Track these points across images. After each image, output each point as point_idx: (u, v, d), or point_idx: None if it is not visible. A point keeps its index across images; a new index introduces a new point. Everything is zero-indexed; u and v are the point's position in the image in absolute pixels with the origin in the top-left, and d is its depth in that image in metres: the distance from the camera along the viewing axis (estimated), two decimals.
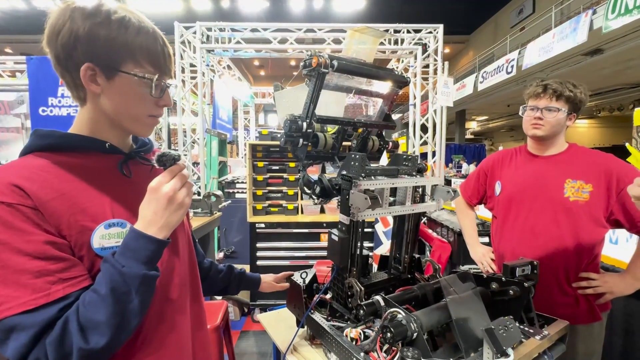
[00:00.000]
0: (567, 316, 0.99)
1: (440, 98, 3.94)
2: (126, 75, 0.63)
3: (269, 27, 4.25)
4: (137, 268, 0.56)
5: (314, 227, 2.98)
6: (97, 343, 0.52)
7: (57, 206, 0.57)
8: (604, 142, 15.89)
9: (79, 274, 0.57)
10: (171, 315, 0.71)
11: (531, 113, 1.33)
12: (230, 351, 2.01)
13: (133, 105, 0.66)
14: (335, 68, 0.93)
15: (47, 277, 0.53)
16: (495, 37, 14.54)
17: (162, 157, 0.63)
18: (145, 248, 0.58)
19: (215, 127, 4.86)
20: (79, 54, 0.61)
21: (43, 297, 0.52)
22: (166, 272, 0.71)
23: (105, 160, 0.69)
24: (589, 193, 1.23)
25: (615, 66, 8.00)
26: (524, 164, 1.42)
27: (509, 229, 1.40)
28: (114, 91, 0.64)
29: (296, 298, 1.08)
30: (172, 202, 0.61)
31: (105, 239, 0.61)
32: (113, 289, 0.55)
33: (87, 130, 0.68)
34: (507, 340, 0.72)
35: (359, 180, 0.88)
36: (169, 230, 0.62)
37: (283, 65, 16.82)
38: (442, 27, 4.10)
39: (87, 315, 0.53)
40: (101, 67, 0.62)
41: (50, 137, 0.64)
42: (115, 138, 0.70)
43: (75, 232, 0.58)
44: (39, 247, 0.54)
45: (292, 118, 0.95)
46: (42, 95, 3.17)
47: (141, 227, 0.59)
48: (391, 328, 0.73)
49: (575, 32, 6.55)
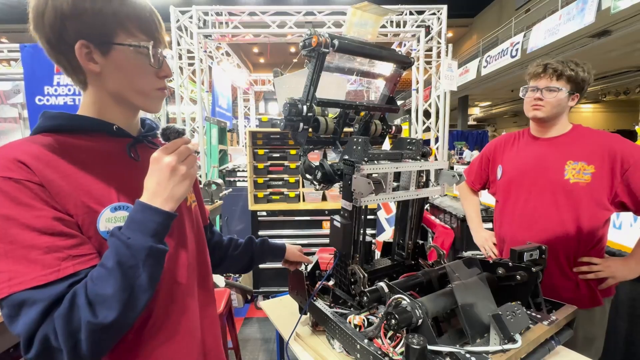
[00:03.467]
0: (568, 300, 0.98)
1: (444, 82, 3.85)
2: (121, 48, 0.61)
3: (267, 10, 4.13)
4: (144, 240, 0.55)
5: (315, 215, 2.97)
6: (105, 317, 0.51)
7: (62, 185, 0.57)
8: (609, 126, 15.68)
9: (88, 252, 0.57)
10: (182, 298, 0.71)
11: (532, 94, 1.30)
12: (234, 337, 2.03)
13: (136, 79, 0.65)
14: (336, 48, 0.89)
15: (57, 253, 0.53)
16: (499, 19, 14.19)
17: (166, 130, 0.63)
18: (151, 220, 0.57)
19: (214, 115, 4.80)
20: (69, 32, 0.59)
21: (53, 273, 0.52)
22: (174, 254, 0.70)
23: (113, 143, 0.67)
24: (591, 175, 1.20)
25: (624, 48, 7.79)
26: (525, 147, 1.39)
27: (509, 212, 1.39)
28: (113, 67, 0.63)
29: (298, 285, 1.06)
30: (175, 173, 0.60)
31: (111, 222, 0.60)
32: (120, 262, 0.53)
33: (93, 113, 0.66)
34: (514, 326, 0.71)
35: (361, 164, 0.85)
36: (175, 203, 0.60)
37: (282, 52, 16.53)
38: (445, 8, 3.97)
39: (95, 289, 0.52)
40: (95, 43, 0.60)
41: (58, 118, 0.63)
42: (123, 120, 0.69)
43: (82, 213, 0.57)
44: (48, 223, 0.53)
45: (292, 101, 0.92)
46: (37, 84, 3.12)
47: (146, 198, 0.58)
48: (396, 314, 0.72)
49: (583, 13, 6.36)
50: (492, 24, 14.38)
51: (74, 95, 3.18)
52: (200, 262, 0.81)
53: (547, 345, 0.82)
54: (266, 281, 3.02)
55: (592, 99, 14.59)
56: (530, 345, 0.75)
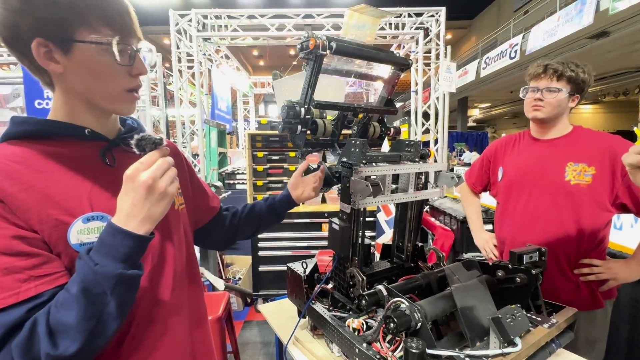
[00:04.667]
0: (568, 302, 0.98)
1: (443, 84, 3.85)
2: (83, 45, 0.55)
3: (266, 13, 4.14)
4: (113, 267, 0.50)
5: (315, 217, 2.96)
6: (66, 349, 0.48)
7: (25, 199, 0.52)
8: (609, 127, 15.68)
9: (55, 271, 0.53)
10: (164, 317, 0.66)
11: (532, 95, 1.30)
12: (234, 341, 2.02)
13: (102, 80, 0.59)
14: (334, 50, 0.89)
15: (16, 274, 0.49)
16: (498, 21, 14.22)
17: (141, 141, 0.55)
18: (123, 245, 0.52)
19: (214, 117, 4.80)
20: (24, 29, 0.53)
21: (12, 296, 0.48)
22: (156, 270, 0.66)
23: (86, 147, 0.62)
24: (592, 176, 1.19)
25: (622, 49, 7.81)
26: (526, 149, 1.39)
27: (510, 214, 1.38)
28: (76, 67, 0.57)
29: (297, 288, 1.06)
30: (152, 192, 0.53)
31: (84, 234, 0.56)
32: (85, 290, 0.49)
33: (63, 116, 0.61)
34: (514, 329, 0.70)
35: (359, 166, 0.84)
36: (152, 224, 0.55)
37: (282, 54, 16.57)
38: (444, 10, 3.98)
39: (57, 317, 0.48)
40: (54, 40, 0.55)
41: (25, 124, 0.58)
42: (96, 122, 0.63)
43: (47, 227, 0.53)
44: (6, 242, 0.49)
45: (290, 104, 0.92)
46: (37, 88, 3.11)
47: (119, 221, 0.53)
48: (394, 318, 0.71)
49: (581, 15, 6.37)
50: (490, 26, 14.42)
51: None
52: (191, 270, 0.76)
53: (547, 349, 0.81)
54: (266, 284, 3.01)
55: (592, 100, 14.61)
56: (531, 348, 0.75)
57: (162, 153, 0.57)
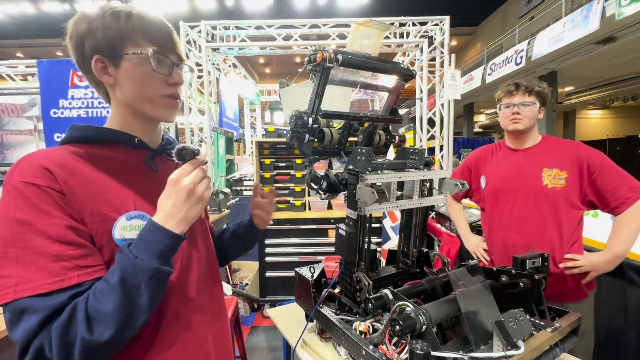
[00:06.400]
0: (556, 294, 1.07)
1: (447, 91, 3.88)
2: (128, 57, 0.65)
3: (273, 24, 4.24)
4: (150, 261, 0.55)
5: (321, 223, 2.99)
6: (101, 335, 0.52)
7: (83, 193, 0.59)
8: (618, 132, 15.45)
9: (95, 264, 0.58)
10: (187, 314, 0.71)
11: (507, 110, 1.45)
12: (241, 346, 2.04)
13: (142, 86, 0.68)
14: (340, 62, 0.93)
15: (65, 262, 0.54)
16: (503, 27, 14.24)
17: (182, 150, 0.63)
18: (160, 241, 0.57)
19: (222, 125, 4.88)
20: (87, 50, 0.65)
21: (58, 282, 0.52)
22: (184, 269, 0.71)
23: (134, 154, 0.71)
24: (565, 179, 1.36)
25: (630, 54, 7.76)
26: (504, 159, 1.53)
27: (497, 219, 1.51)
28: (123, 77, 0.67)
29: (305, 293, 1.08)
30: (191, 196, 0.60)
31: (126, 230, 0.62)
32: (123, 280, 0.54)
33: (116, 125, 0.71)
34: (517, 333, 0.72)
35: (365, 174, 0.88)
36: (187, 225, 0.61)
37: (288, 62, 16.79)
38: (448, 19, 4.03)
39: (95, 305, 0.52)
40: (107, 56, 0.65)
41: (84, 130, 0.67)
42: (144, 133, 0.73)
43: (97, 221, 0.59)
44: (61, 231, 0.54)
45: (298, 114, 0.95)
46: (52, 98, 3.23)
47: (159, 219, 0.59)
48: (400, 321, 0.73)
49: (587, 20, 6.36)
50: (496, 32, 14.43)
51: (87, 108, 3.29)
52: (212, 271, 0.82)
53: (551, 353, 0.82)
54: (273, 290, 3.03)
55: (600, 105, 14.44)
56: (533, 352, 0.76)
57: (200, 162, 0.64)
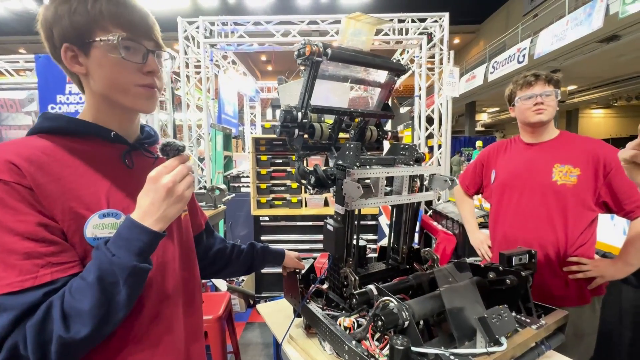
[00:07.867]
0: (557, 297, 1.02)
1: (446, 88, 3.86)
2: (98, 44, 0.61)
3: (272, 20, 4.22)
4: (128, 258, 0.54)
5: (317, 220, 2.99)
6: (77, 332, 0.51)
7: (52, 189, 0.56)
8: (621, 132, 15.35)
9: (69, 260, 0.56)
10: (168, 316, 0.69)
11: (528, 102, 1.36)
12: (234, 341, 2.04)
13: (114, 75, 0.63)
14: (329, 56, 0.92)
15: (36, 259, 0.52)
16: (506, 25, 14.14)
17: (166, 146, 0.61)
18: (138, 239, 0.56)
19: (220, 122, 4.88)
20: (56, 39, 0.62)
21: (30, 279, 0.51)
22: (159, 266, 0.69)
23: (109, 149, 0.68)
24: (577, 177, 1.27)
25: (634, 53, 7.68)
26: (518, 153, 1.46)
27: (503, 213, 1.46)
28: (94, 66, 0.63)
29: (293, 288, 1.08)
30: (170, 194, 0.58)
31: (98, 228, 0.60)
32: (100, 278, 0.52)
33: (91, 117, 0.67)
34: (500, 329, 0.71)
35: (352, 169, 0.87)
36: (165, 223, 0.59)
37: (289, 59, 16.62)
38: (447, 16, 4.00)
39: (71, 302, 0.51)
40: (76, 44, 0.62)
41: (56, 120, 0.63)
42: (120, 125, 0.69)
43: (68, 218, 0.57)
44: (31, 228, 0.52)
45: (288, 108, 0.95)
46: (50, 93, 3.24)
47: (137, 217, 0.57)
48: (382, 316, 0.73)
49: (590, 18, 6.30)
50: (499, 30, 14.34)
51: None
52: (187, 278, 0.78)
53: (536, 350, 0.82)
54: (268, 286, 3.04)
55: (603, 104, 14.35)
56: (517, 348, 0.75)
57: (183, 159, 0.62)
